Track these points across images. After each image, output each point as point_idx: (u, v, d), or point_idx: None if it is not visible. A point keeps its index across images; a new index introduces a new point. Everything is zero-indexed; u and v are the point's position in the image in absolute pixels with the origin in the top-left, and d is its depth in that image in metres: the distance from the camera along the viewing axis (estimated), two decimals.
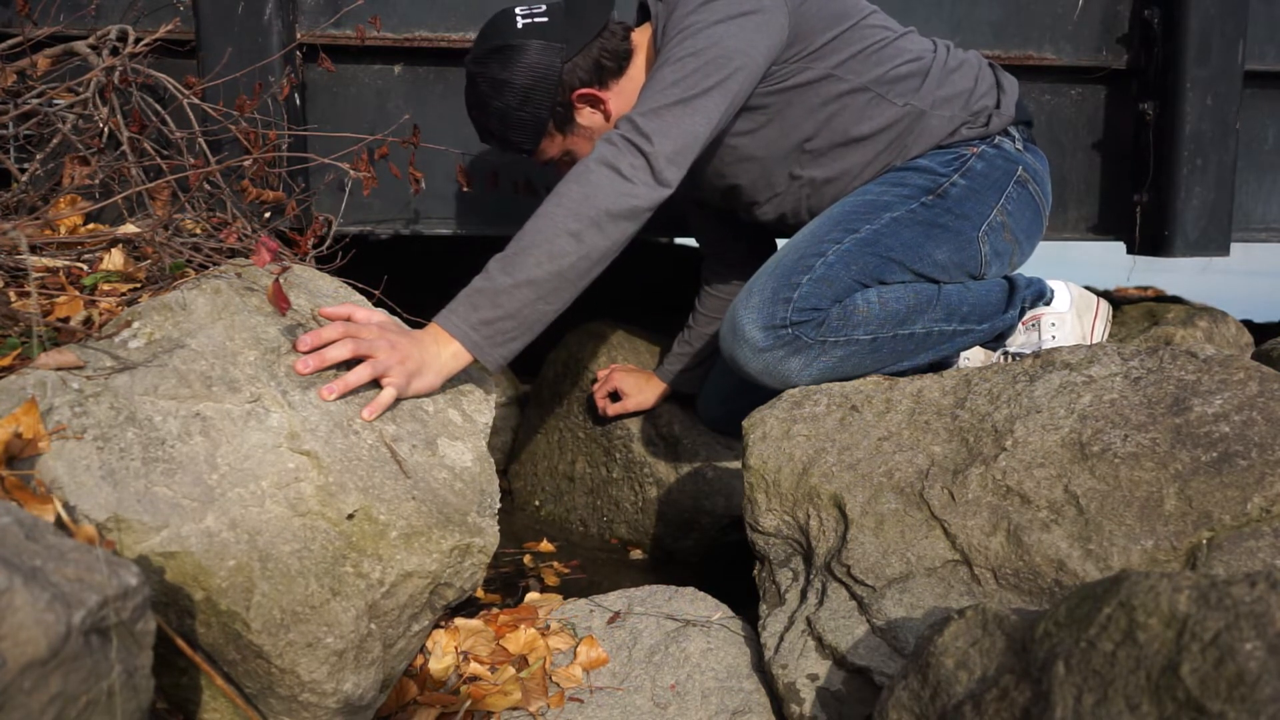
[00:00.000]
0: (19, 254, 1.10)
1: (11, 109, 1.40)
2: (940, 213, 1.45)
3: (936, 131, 1.53)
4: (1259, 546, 0.92)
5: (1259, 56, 1.99)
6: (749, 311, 1.34)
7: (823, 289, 1.34)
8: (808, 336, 1.33)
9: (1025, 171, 1.55)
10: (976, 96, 1.56)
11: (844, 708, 1.03)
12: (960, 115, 1.54)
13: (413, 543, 1.02)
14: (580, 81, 1.48)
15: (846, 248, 1.38)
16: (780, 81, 1.45)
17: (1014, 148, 1.57)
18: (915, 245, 1.41)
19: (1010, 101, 1.59)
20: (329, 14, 1.78)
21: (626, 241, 1.27)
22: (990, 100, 1.58)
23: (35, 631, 0.59)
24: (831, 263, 1.36)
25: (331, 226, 1.63)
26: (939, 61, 1.55)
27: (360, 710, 0.99)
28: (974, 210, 1.47)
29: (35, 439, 0.85)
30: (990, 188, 1.50)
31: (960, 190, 1.48)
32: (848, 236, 1.40)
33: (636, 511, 1.86)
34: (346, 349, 1.11)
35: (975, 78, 1.58)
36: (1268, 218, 2.14)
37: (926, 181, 1.48)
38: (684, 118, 1.30)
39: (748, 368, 1.35)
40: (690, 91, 1.31)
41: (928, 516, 1.11)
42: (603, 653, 1.19)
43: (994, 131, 1.56)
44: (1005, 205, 1.51)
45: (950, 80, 1.54)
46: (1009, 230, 1.52)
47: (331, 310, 1.18)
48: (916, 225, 1.43)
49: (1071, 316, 1.61)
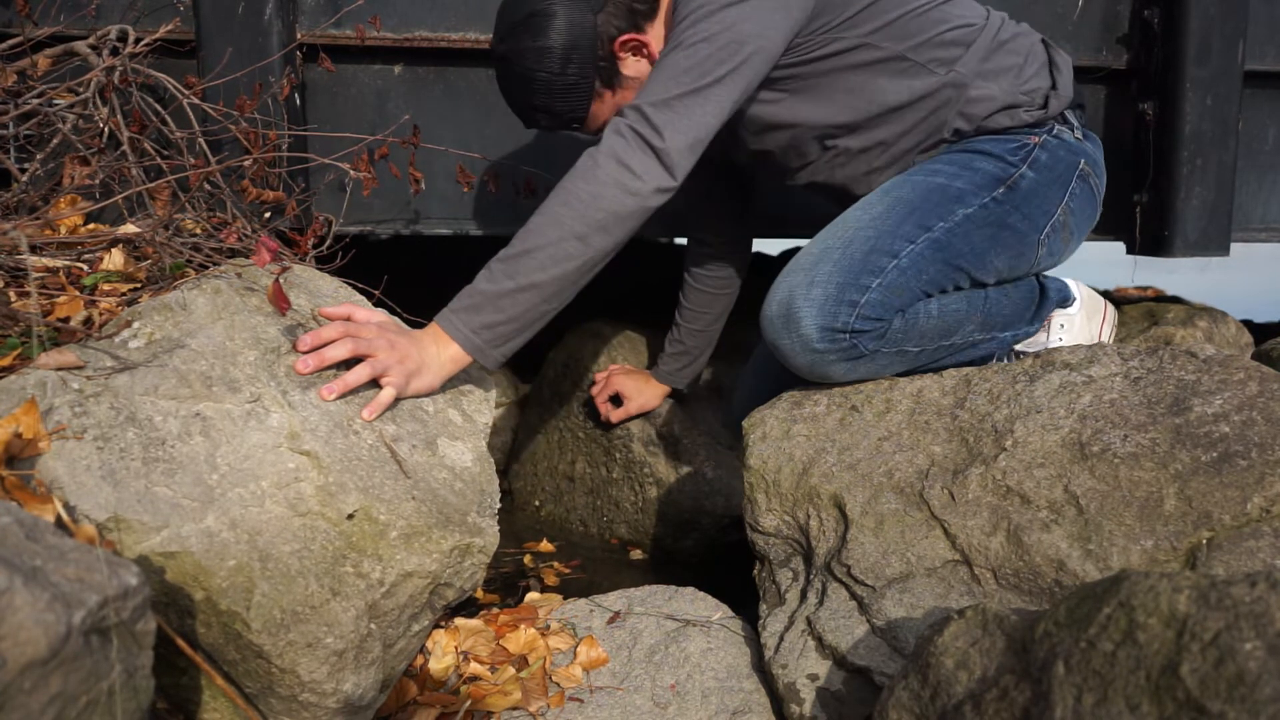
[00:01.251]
0: (19, 254, 1.10)
1: (11, 109, 1.40)
2: (1009, 210, 1.38)
3: (981, 106, 1.44)
4: (1259, 546, 0.92)
5: (1259, 56, 1.99)
6: (809, 305, 1.25)
7: (891, 297, 1.26)
8: (865, 346, 1.26)
9: (1087, 164, 1.49)
10: (1027, 75, 1.46)
11: (844, 708, 1.03)
12: (1009, 92, 1.44)
13: (413, 543, 1.02)
14: (617, 29, 1.40)
15: (920, 250, 1.30)
16: (808, 53, 1.38)
17: (1073, 136, 1.49)
18: (982, 252, 1.36)
19: (1066, 82, 1.49)
20: (329, 14, 1.78)
21: (630, 237, 1.25)
22: (1044, 80, 1.49)
23: (35, 631, 0.59)
24: (904, 267, 1.28)
25: (331, 226, 1.63)
26: (989, 31, 1.46)
27: (360, 710, 0.99)
28: (1039, 209, 1.41)
29: (35, 439, 0.85)
30: (1055, 182, 1.44)
31: (1029, 184, 1.41)
32: (922, 235, 1.31)
33: (636, 511, 1.86)
34: (346, 348, 1.11)
35: (1026, 54, 1.48)
36: (1268, 218, 2.14)
37: (997, 170, 1.40)
38: (695, 108, 1.25)
39: (792, 360, 1.29)
40: (702, 80, 1.26)
41: (928, 516, 1.11)
42: (603, 653, 1.19)
43: (1052, 115, 1.47)
44: (1069, 203, 1.45)
45: (999, 53, 1.45)
46: (1068, 229, 1.47)
47: (331, 310, 1.18)
48: (987, 226, 1.36)
49: (1081, 318, 1.57)
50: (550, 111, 1.45)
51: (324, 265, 1.42)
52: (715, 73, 1.26)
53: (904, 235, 1.31)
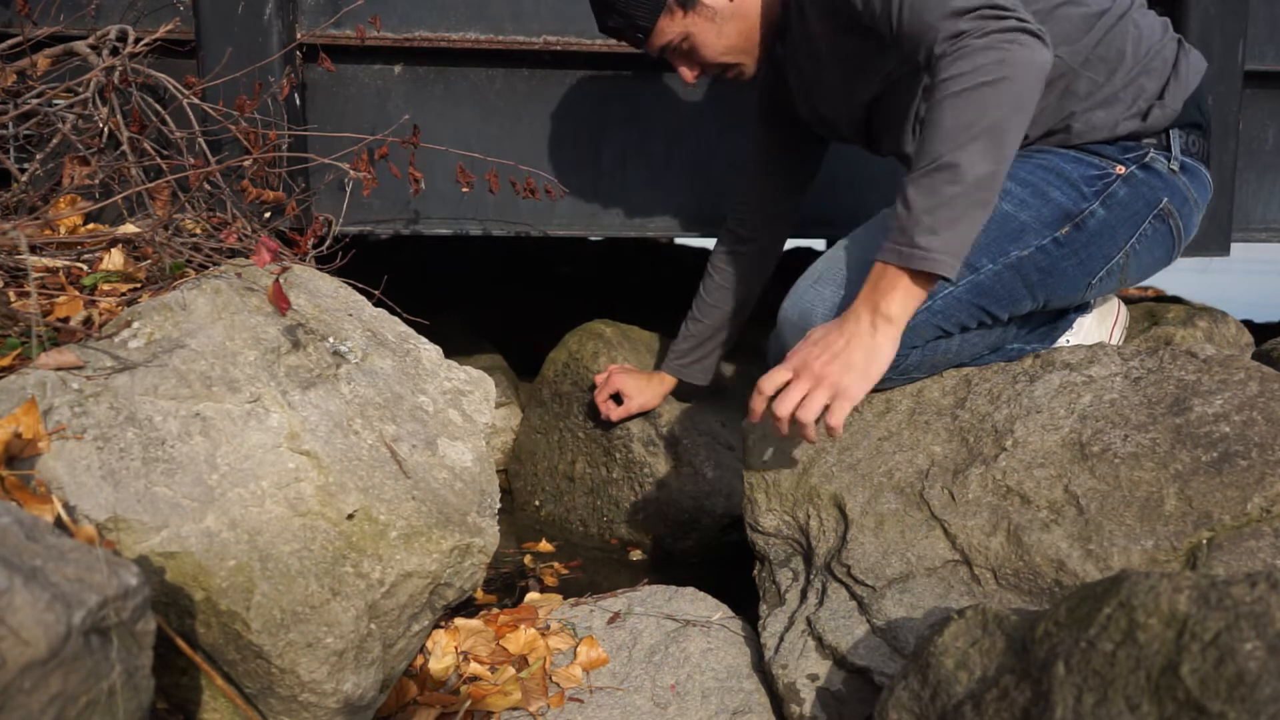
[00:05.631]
0: (19, 254, 1.10)
1: (11, 109, 1.40)
2: (1068, 254, 1.27)
3: (1080, 100, 1.30)
4: (1259, 546, 0.92)
5: (1259, 56, 1.99)
6: None
7: (912, 337, 1.21)
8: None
9: (1171, 202, 1.32)
10: (1135, 73, 1.31)
11: (844, 708, 1.03)
12: (1113, 91, 1.30)
13: (413, 543, 1.02)
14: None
15: (959, 294, 1.23)
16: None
17: (1168, 168, 1.32)
18: (1021, 298, 1.27)
19: (1179, 94, 1.32)
20: (329, 14, 1.78)
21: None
22: (1154, 84, 1.32)
23: (35, 631, 0.59)
24: (936, 309, 1.23)
25: (331, 226, 1.63)
26: (1112, 14, 1.32)
27: (360, 710, 0.99)
28: (1099, 253, 1.29)
29: (35, 439, 0.85)
30: (1127, 221, 1.30)
31: (1097, 224, 1.28)
32: (966, 277, 1.24)
33: (636, 511, 1.86)
34: (806, 388, 1.10)
35: (1147, 49, 1.32)
36: (1268, 218, 2.14)
37: (1068, 203, 1.27)
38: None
39: None
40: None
41: (928, 516, 1.11)
42: (603, 653, 1.19)
43: (1152, 130, 1.32)
44: (1135, 245, 1.32)
45: (1112, 39, 1.30)
46: (1126, 270, 1.35)
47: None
48: (1037, 271, 1.26)
49: (1091, 322, 1.51)
50: (624, 14, 1.40)
51: (324, 265, 1.42)
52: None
53: None
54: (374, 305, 1.31)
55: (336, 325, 1.20)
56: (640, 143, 1.93)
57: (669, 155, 1.93)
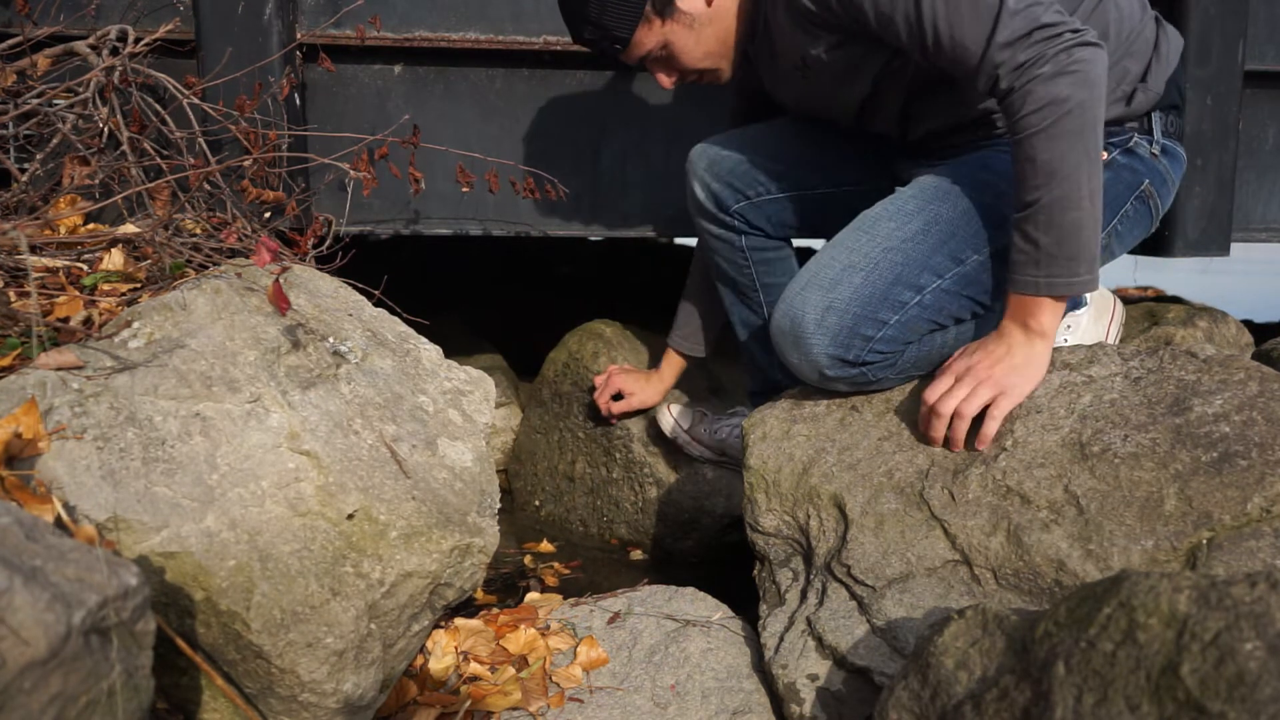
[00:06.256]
0: (19, 254, 1.10)
1: (11, 109, 1.40)
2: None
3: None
4: (1259, 546, 0.92)
5: (1259, 56, 1.99)
6: (821, 334, 1.20)
7: (906, 332, 1.22)
8: (873, 374, 1.24)
9: (1151, 184, 1.35)
10: (1119, 55, 1.31)
11: (844, 708, 1.03)
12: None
13: (413, 543, 1.02)
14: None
15: (946, 285, 1.24)
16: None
17: (1149, 152, 1.35)
18: (1004, 285, 1.27)
19: (1161, 75, 1.33)
20: (329, 14, 1.78)
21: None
22: (1137, 66, 1.33)
23: (35, 631, 0.59)
24: (926, 304, 1.23)
25: (331, 226, 1.63)
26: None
27: (360, 710, 0.99)
28: None
29: (35, 439, 0.85)
30: (1109, 205, 1.30)
31: None
32: (952, 270, 1.24)
33: (636, 511, 1.86)
34: (971, 386, 1.14)
35: (1129, 31, 1.32)
36: (1268, 218, 2.14)
37: None
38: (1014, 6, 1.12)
39: (799, 374, 1.27)
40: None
41: (928, 516, 1.11)
42: (603, 653, 1.19)
43: (1135, 114, 1.33)
44: (1117, 226, 1.34)
45: (1094, 22, 1.30)
46: (1108, 250, 1.37)
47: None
48: None
49: (1088, 319, 1.53)
50: (598, 25, 1.38)
51: (324, 265, 1.42)
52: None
53: (933, 268, 1.24)
54: (374, 305, 1.31)
55: (336, 325, 1.20)
56: (640, 143, 1.93)
57: (669, 155, 1.93)
